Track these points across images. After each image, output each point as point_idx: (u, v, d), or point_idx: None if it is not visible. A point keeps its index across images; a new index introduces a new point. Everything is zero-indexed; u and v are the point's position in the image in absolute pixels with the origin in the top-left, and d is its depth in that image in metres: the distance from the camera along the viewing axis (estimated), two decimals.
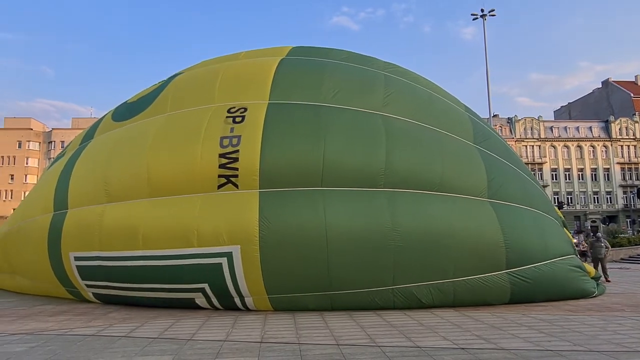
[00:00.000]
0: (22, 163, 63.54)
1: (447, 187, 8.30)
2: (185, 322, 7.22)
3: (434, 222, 7.98)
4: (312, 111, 8.70)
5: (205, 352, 5.34)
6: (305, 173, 8.04)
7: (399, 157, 8.31)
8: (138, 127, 9.78)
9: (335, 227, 7.72)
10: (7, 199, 62.04)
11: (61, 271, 9.46)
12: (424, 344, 5.55)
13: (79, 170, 9.88)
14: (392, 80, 9.70)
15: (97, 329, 6.79)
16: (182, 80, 10.42)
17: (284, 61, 9.78)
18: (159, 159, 8.69)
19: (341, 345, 5.55)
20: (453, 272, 7.91)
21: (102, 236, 8.67)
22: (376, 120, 8.76)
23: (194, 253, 7.95)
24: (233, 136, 8.31)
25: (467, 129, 9.48)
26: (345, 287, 7.86)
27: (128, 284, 8.67)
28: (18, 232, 11.09)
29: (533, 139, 62.50)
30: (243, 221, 7.79)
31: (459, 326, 6.62)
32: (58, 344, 5.85)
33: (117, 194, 8.89)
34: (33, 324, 7.39)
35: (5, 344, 5.93)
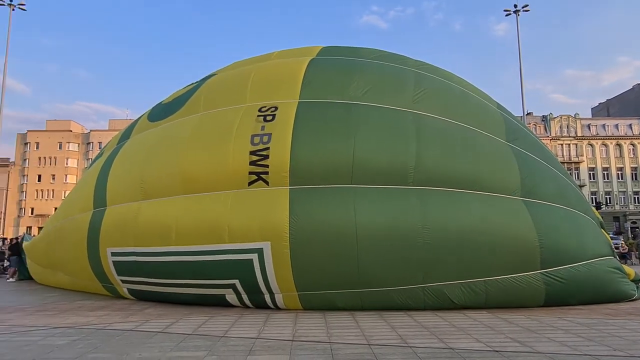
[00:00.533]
0: (62, 163, 66.13)
1: (479, 185, 8.18)
2: (218, 320, 7.37)
3: (465, 221, 7.87)
4: (342, 109, 8.74)
5: (238, 349, 5.43)
6: (335, 170, 8.08)
7: (429, 154, 8.24)
8: (172, 127, 10.07)
9: (365, 224, 7.72)
10: (49, 198, 64.70)
11: (98, 267, 9.81)
12: (456, 346, 5.49)
13: (116, 169, 10.25)
14: (423, 78, 9.63)
15: (134, 324, 7.01)
16: (214, 82, 10.65)
17: (314, 61, 9.85)
18: (192, 157, 8.91)
19: (372, 345, 5.55)
20: (485, 271, 7.77)
21: (138, 232, 8.95)
22: (407, 117, 8.71)
23: (225, 249, 8.09)
24: (264, 134, 8.44)
25: (499, 126, 9.31)
26: (375, 284, 7.84)
27: (161, 280, 8.90)
28: (59, 230, 11.57)
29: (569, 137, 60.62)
30: (273, 218, 7.88)
31: (492, 328, 6.51)
32: (98, 338, 6.07)
33: (153, 191, 9.16)
34: (74, 318, 7.69)
35: (48, 336, 6.20)
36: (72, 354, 5.24)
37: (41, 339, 6.02)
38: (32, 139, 66.88)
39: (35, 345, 5.66)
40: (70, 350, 5.42)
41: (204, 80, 10.95)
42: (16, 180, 65.98)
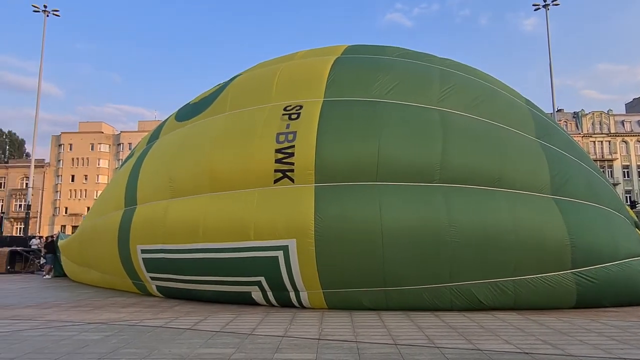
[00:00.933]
0: (94, 164, 68.04)
1: (507, 182, 8.03)
2: (245, 317, 7.46)
3: (492, 219, 7.74)
4: (367, 107, 8.73)
5: (265, 346, 5.50)
6: (360, 168, 8.07)
7: (455, 152, 8.15)
8: (199, 126, 10.27)
9: (390, 222, 7.68)
10: (82, 198, 66.68)
11: (129, 264, 10.07)
12: (485, 347, 5.41)
13: (146, 168, 10.52)
14: (449, 75, 9.52)
15: (164, 321, 7.18)
16: (240, 82, 10.79)
17: (339, 60, 9.86)
18: (218, 155, 9.06)
19: (399, 345, 5.53)
20: (513, 270, 7.62)
21: (166, 230, 9.15)
22: (432, 115, 8.63)
23: (251, 246, 8.19)
24: (289, 132, 8.51)
25: (528, 122, 9.12)
26: (400, 283, 7.79)
27: (188, 276, 9.07)
28: (92, 228, 11.94)
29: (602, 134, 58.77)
30: (299, 215, 7.93)
31: (523, 330, 6.38)
32: (130, 334, 6.24)
33: (181, 190, 9.36)
34: (107, 314, 7.93)
35: (83, 332, 6.41)
36: (105, 348, 5.40)
37: (76, 334, 6.24)
38: (66, 141, 69.02)
39: (70, 340, 5.86)
40: (104, 345, 5.60)
41: (230, 81, 11.10)
42: (51, 181, 68.25)
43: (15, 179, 67.41)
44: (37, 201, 62.97)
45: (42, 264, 17.79)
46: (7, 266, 18.01)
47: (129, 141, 67.26)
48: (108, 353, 5.20)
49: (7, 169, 68.35)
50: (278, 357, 5.01)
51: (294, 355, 5.11)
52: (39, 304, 9.28)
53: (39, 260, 18.54)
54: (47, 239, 18.26)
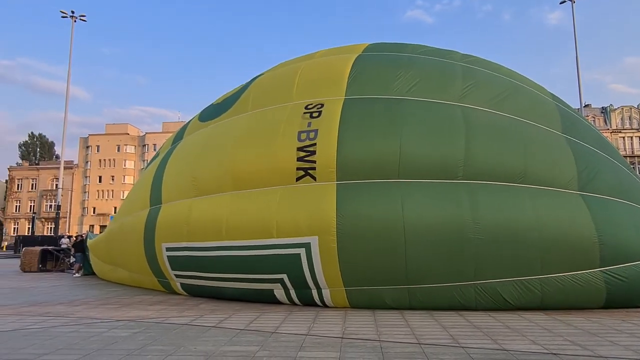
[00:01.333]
0: (120, 165, 69.56)
1: (532, 178, 7.89)
2: (269, 316, 7.53)
3: (517, 215, 7.60)
4: (388, 104, 8.70)
5: (289, 344, 5.53)
6: (382, 165, 8.04)
7: (479, 148, 8.05)
8: (222, 126, 10.42)
9: (413, 219, 7.63)
10: (109, 198, 68.27)
11: (154, 262, 10.28)
12: (511, 348, 5.32)
13: (171, 168, 10.73)
14: (471, 71, 9.40)
15: (190, 319, 7.30)
16: (262, 81, 10.88)
17: (359, 57, 9.84)
18: (241, 154, 9.17)
19: (423, 345, 5.49)
20: (540, 268, 7.46)
21: (190, 228, 9.30)
22: (455, 111, 8.54)
23: (274, 244, 8.24)
24: (310, 130, 8.54)
25: (553, 117, 8.93)
26: (423, 280, 7.72)
27: (212, 274, 9.19)
28: (119, 228, 12.23)
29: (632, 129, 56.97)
30: (321, 212, 7.95)
31: (550, 330, 6.26)
32: (157, 331, 6.38)
33: (204, 188, 9.50)
34: (135, 312, 8.10)
35: (112, 328, 6.58)
36: (133, 345, 5.53)
37: (106, 331, 6.40)
38: (93, 143, 70.76)
39: (100, 337, 6.02)
40: (132, 342, 5.73)
41: (252, 81, 11.21)
42: (79, 182, 70.08)
43: (45, 180, 69.49)
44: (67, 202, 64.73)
45: (72, 263, 18.29)
46: (39, 265, 18.58)
47: (154, 142, 68.51)
48: (136, 350, 5.32)
49: (38, 171, 70.50)
50: (302, 356, 5.04)
51: (317, 354, 5.13)
52: (69, 302, 9.55)
53: (69, 259, 19.08)
54: (77, 238, 18.75)
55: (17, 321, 7.23)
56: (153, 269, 10.51)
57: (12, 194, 70.04)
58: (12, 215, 69.14)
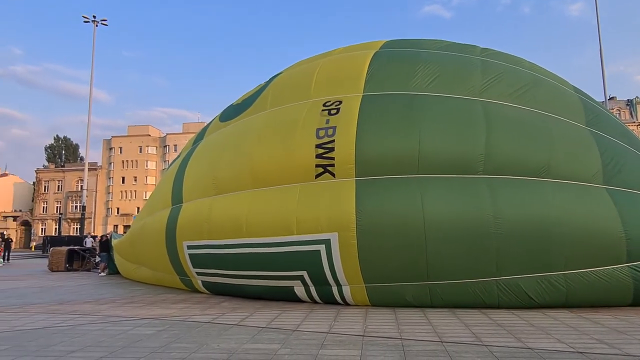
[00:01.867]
0: (142, 166, 70.80)
1: (555, 172, 7.73)
2: (290, 314, 7.57)
3: (540, 210, 7.45)
4: (407, 100, 8.63)
5: (310, 342, 5.56)
6: (401, 161, 7.99)
7: (500, 142, 7.93)
8: (241, 125, 10.53)
9: (433, 215, 7.56)
10: (132, 199, 69.57)
11: (176, 260, 10.43)
12: (535, 346, 5.24)
13: (191, 168, 10.88)
14: (491, 65, 9.26)
15: (212, 317, 7.40)
16: (280, 80, 10.94)
17: (377, 54, 9.80)
18: (259, 152, 9.23)
19: (445, 343, 5.45)
20: (564, 264, 7.31)
21: (211, 226, 9.40)
22: (475, 106, 8.43)
23: (294, 240, 8.27)
24: (328, 127, 8.55)
25: (577, 110, 8.74)
26: (444, 277, 7.63)
27: (233, 271, 9.27)
28: (142, 227, 12.46)
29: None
30: (340, 209, 7.95)
31: (575, 328, 6.14)
32: (180, 329, 6.48)
33: (224, 187, 9.60)
34: (158, 310, 8.25)
35: (137, 326, 6.72)
36: (158, 343, 5.64)
37: (131, 329, 6.54)
38: (116, 144, 72.17)
39: (125, 335, 6.15)
40: (157, 339, 5.84)
41: (270, 80, 11.28)
42: (103, 183, 71.58)
43: (71, 182, 71.20)
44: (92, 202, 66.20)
45: (97, 262, 18.71)
46: (65, 264, 19.06)
47: (175, 143, 69.51)
48: (160, 347, 5.42)
49: (64, 173, 72.28)
50: (323, 353, 5.06)
51: (339, 352, 5.14)
52: (96, 300, 9.78)
53: (95, 258, 19.52)
54: (102, 238, 19.17)
55: (47, 319, 7.44)
56: (175, 267, 10.67)
57: (40, 196, 71.99)
58: (40, 216, 71.06)
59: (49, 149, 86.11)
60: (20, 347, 5.54)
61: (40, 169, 74.92)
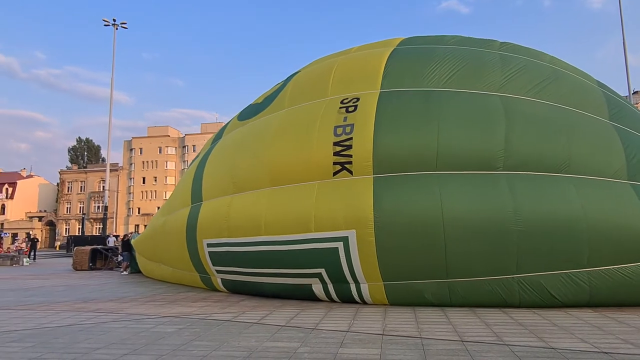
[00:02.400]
0: (162, 166, 71.78)
1: (577, 168, 7.59)
2: (309, 312, 7.60)
3: (562, 206, 7.31)
4: (425, 96, 8.58)
5: (329, 341, 5.58)
6: (419, 157, 7.95)
7: (520, 138, 7.81)
8: (259, 124, 10.61)
9: (452, 211, 7.48)
10: (152, 199, 70.60)
11: (196, 257, 10.56)
12: (558, 346, 5.16)
13: (210, 166, 11.02)
14: (510, 59, 9.12)
15: (232, 315, 7.47)
16: (298, 79, 10.98)
17: (394, 51, 9.75)
18: (278, 150, 9.28)
19: (465, 342, 5.40)
20: (587, 261, 7.16)
21: (230, 224, 9.50)
22: (494, 101, 8.33)
23: (312, 238, 8.29)
24: (346, 125, 8.54)
25: (599, 104, 8.56)
26: (463, 274, 7.55)
27: (252, 269, 9.34)
28: (163, 225, 12.65)
29: None
30: (358, 206, 7.93)
31: (600, 328, 6.02)
32: (201, 327, 6.57)
33: (242, 185, 9.69)
34: (179, 308, 8.37)
35: (159, 324, 6.83)
36: (179, 341, 5.72)
37: (153, 327, 6.65)
38: (136, 145, 73.31)
39: (148, 332, 6.27)
40: (178, 337, 5.93)
41: (288, 79, 11.34)
42: (124, 183, 72.81)
43: (93, 183, 72.62)
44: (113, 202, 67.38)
45: (119, 261, 19.07)
46: (89, 263, 19.48)
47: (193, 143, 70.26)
48: (182, 345, 5.50)
49: (86, 174, 73.77)
50: (343, 352, 5.06)
51: (358, 350, 5.14)
52: (119, 298, 9.98)
53: (117, 258, 19.90)
54: (124, 237, 19.53)
55: (72, 317, 7.63)
56: (195, 264, 10.81)
57: (63, 196, 73.62)
58: (64, 216, 72.68)
59: (71, 151, 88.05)
60: (46, 344, 5.69)
61: (63, 170, 76.62)
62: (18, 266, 23.95)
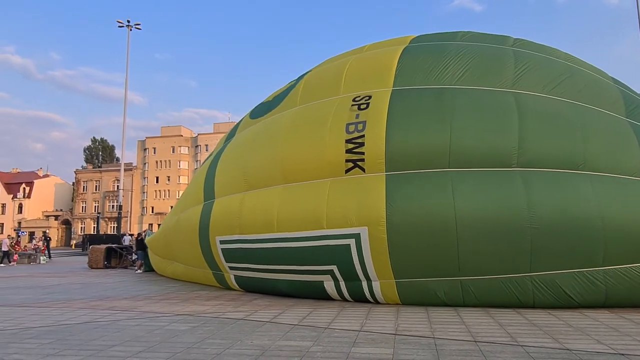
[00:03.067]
0: (175, 166, 72.40)
1: (593, 165, 7.49)
2: (322, 312, 7.61)
3: (577, 203, 7.22)
4: (437, 93, 8.53)
5: (342, 340, 5.58)
6: (432, 154, 7.91)
7: (534, 134, 7.73)
8: (271, 121, 10.66)
9: (464, 208, 7.42)
10: (166, 198, 71.24)
11: (209, 254, 10.62)
12: (574, 347, 5.10)
13: (222, 164, 11.10)
14: (524, 55, 9.02)
15: (245, 314, 7.52)
16: (310, 77, 11.01)
17: (406, 49, 9.72)
18: (290, 147, 9.31)
19: (479, 342, 5.37)
20: (603, 259, 7.05)
21: (242, 221, 9.55)
22: (507, 98, 8.25)
23: (324, 235, 8.29)
24: (358, 122, 8.54)
25: (616, 101, 8.44)
26: (476, 272, 7.47)
27: (264, 266, 9.38)
28: (176, 223, 12.76)
29: None
30: (370, 203, 7.92)
31: (616, 329, 5.93)
32: (214, 325, 6.62)
33: (255, 182, 9.74)
34: (193, 306, 8.45)
35: (172, 322, 6.90)
36: (193, 339, 5.78)
37: (167, 324, 6.72)
38: (150, 145, 74.04)
39: (162, 330, 6.34)
40: (192, 335, 5.98)
41: (300, 78, 11.37)
42: (138, 182, 73.58)
43: (108, 182, 73.54)
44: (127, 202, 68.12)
45: (134, 260, 19.29)
46: (104, 262, 19.75)
47: (206, 143, 70.73)
48: (195, 343, 5.56)
49: (101, 173, 74.74)
50: (355, 351, 5.07)
51: (371, 350, 5.14)
52: (133, 296, 10.10)
53: (131, 256, 20.14)
54: (138, 236, 19.76)
55: (88, 314, 7.75)
56: (208, 261, 10.87)
57: (79, 195, 74.69)
58: (79, 215, 73.72)
59: (87, 150, 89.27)
60: (63, 340, 5.79)
61: (79, 170, 77.70)
62: (35, 264, 24.40)
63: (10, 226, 71.13)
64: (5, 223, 73.05)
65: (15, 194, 74.37)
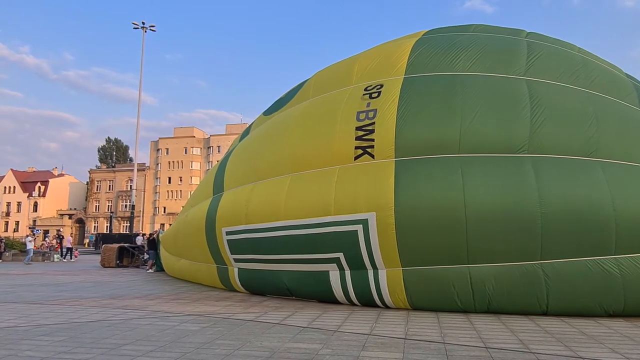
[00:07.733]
0: (187, 167, 73.02)
1: (605, 152, 7.38)
2: (331, 314, 7.60)
3: (589, 190, 7.10)
4: (449, 80, 8.48)
5: (351, 344, 5.56)
6: (442, 140, 7.83)
7: (545, 121, 7.63)
8: (283, 115, 10.75)
9: (474, 194, 7.31)
10: (178, 198, 71.82)
11: (215, 247, 10.55)
12: (587, 355, 5.02)
13: (234, 159, 11.20)
14: (537, 45, 8.94)
15: (255, 315, 7.53)
16: (322, 73, 11.07)
17: (419, 40, 9.70)
18: (300, 136, 9.32)
19: (490, 349, 5.31)
20: (615, 248, 6.91)
21: (249, 210, 9.51)
22: (519, 85, 8.18)
23: (331, 221, 8.19)
24: (369, 110, 8.52)
25: (629, 93, 8.37)
26: (485, 259, 7.30)
27: (269, 256, 9.26)
28: (185, 218, 12.86)
29: None
30: (378, 189, 7.84)
31: (631, 338, 5.83)
32: (224, 326, 6.64)
33: (264, 173, 9.73)
34: (203, 307, 8.49)
35: (183, 322, 6.94)
36: (203, 339, 5.81)
37: (178, 324, 6.77)
38: (163, 146, 74.76)
39: (173, 330, 6.38)
40: (202, 336, 6.01)
41: (313, 76, 11.41)
42: (151, 183, 74.32)
43: (121, 182, 74.38)
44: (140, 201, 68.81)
45: (145, 260, 19.46)
46: (116, 261, 19.97)
47: (218, 144, 71.23)
48: (205, 343, 5.58)
49: (114, 173, 75.65)
50: (365, 355, 5.05)
51: (380, 354, 5.12)
52: (144, 296, 10.19)
53: (143, 256, 20.32)
54: (150, 236, 19.93)
55: (100, 312, 7.83)
56: (213, 254, 10.78)
57: (92, 195, 75.67)
58: (93, 214, 74.67)
59: (101, 150, 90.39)
60: (75, 338, 5.86)
61: (92, 170, 78.73)
62: (49, 262, 24.74)
63: (26, 224, 72.33)
64: (20, 221, 74.30)
65: (31, 192, 75.61)
